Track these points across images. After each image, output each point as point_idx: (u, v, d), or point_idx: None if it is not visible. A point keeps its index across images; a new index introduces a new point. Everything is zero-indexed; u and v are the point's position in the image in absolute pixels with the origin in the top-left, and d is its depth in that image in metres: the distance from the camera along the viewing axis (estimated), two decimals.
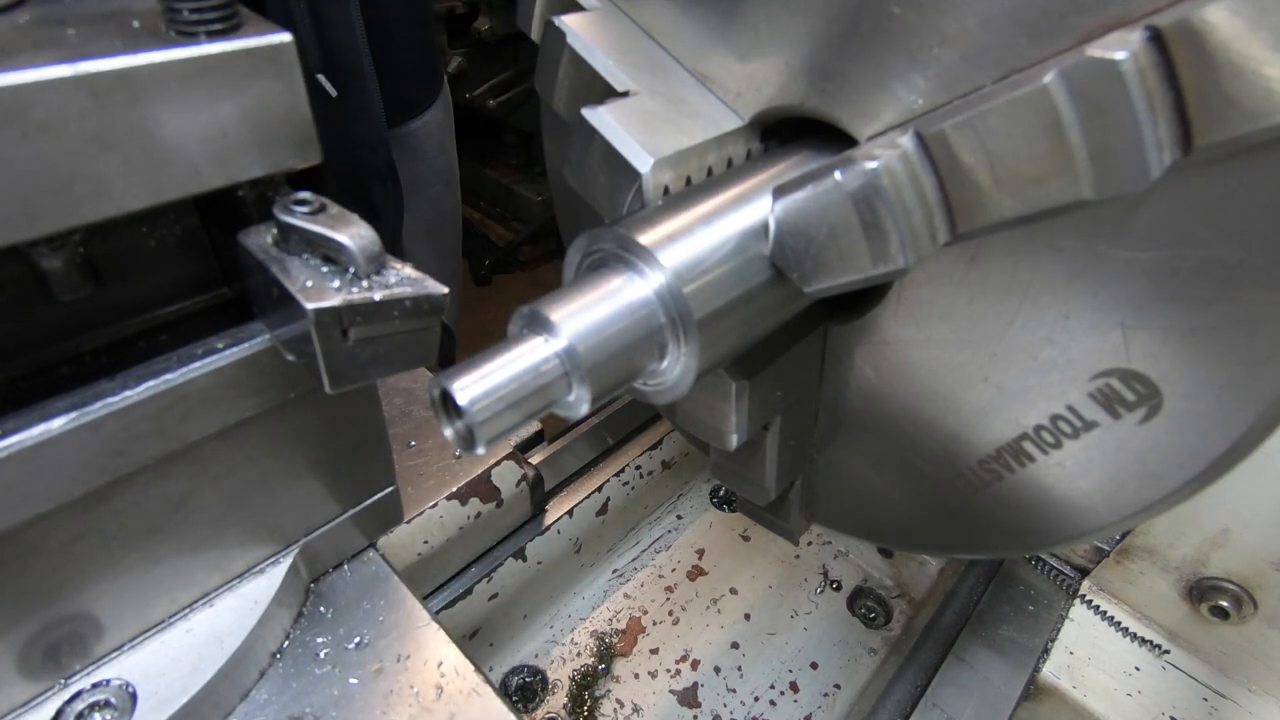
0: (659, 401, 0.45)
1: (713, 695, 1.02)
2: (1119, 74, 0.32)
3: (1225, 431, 0.43)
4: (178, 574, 0.58)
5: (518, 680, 1.03)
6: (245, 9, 0.42)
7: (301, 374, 0.53)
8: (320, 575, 0.69)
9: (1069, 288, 0.45)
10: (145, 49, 0.38)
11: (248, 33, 0.40)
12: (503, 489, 0.95)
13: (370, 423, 0.64)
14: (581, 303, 0.39)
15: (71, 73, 0.35)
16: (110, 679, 0.56)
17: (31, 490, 0.44)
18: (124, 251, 0.50)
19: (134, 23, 0.40)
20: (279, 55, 0.41)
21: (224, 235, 0.50)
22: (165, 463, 0.50)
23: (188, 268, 0.53)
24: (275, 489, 0.60)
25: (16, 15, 0.40)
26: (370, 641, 0.64)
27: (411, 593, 0.68)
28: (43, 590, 0.50)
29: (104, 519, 0.50)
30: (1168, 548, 0.90)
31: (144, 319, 0.54)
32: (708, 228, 0.43)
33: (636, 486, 1.17)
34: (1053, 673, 0.94)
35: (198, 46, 0.39)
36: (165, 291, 0.54)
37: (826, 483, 0.70)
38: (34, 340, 0.49)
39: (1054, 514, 0.54)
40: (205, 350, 0.49)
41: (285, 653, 0.63)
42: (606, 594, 1.14)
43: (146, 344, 0.53)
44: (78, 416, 0.44)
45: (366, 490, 0.68)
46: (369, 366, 0.43)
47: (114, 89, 0.37)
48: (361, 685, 0.61)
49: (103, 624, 0.55)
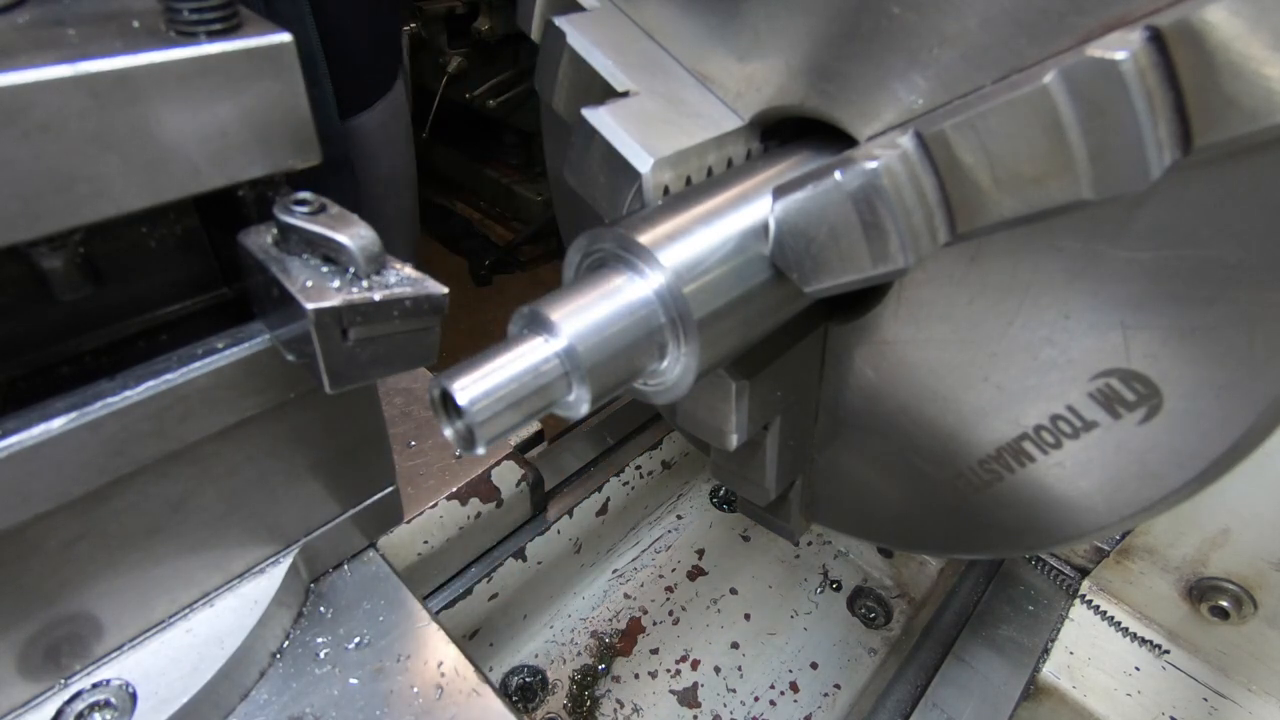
0: (659, 401, 0.45)
1: (713, 695, 1.02)
2: (1119, 74, 0.32)
3: (1225, 431, 0.43)
4: (178, 574, 0.57)
5: (518, 680, 1.03)
6: (245, 9, 0.42)
7: (301, 374, 0.53)
8: (320, 575, 0.69)
9: (1069, 288, 0.45)
10: (145, 49, 0.38)
11: (248, 33, 0.40)
12: (503, 489, 0.95)
13: (370, 423, 0.64)
14: (581, 303, 0.39)
15: (71, 73, 0.35)
16: (110, 679, 0.56)
17: (31, 490, 0.44)
18: (124, 251, 0.50)
19: (134, 23, 0.40)
20: (279, 55, 0.41)
21: (224, 235, 0.50)
22: (165, 463, 0.50)
23: (188, 268, 0.53)
24: (275, 489, 0.60)
25: (16, 15, 0.40)
26: (370, 641, 0.64)
27: (412, 593, 0.68)
28: (43, 590, 0.50)
29: (104, 519, 0.50)
30: (1168, 548, 0.90)
31: (144, 319, 0.54)
32: (708, 228, 0.43)
33: (636, 486, 1.17)
34: (1053, 673, 0.94)
35: (198, 46, 0.39)
36: (165, 291, 0.54)
37: (826, 483, 0.70)
38: (34, 340, 0.49)
39: (1054, 514, 0.54)
40: (205, 350, 0.49)
41: (285, 653, 0.63)
42: (606, 594, 1.14)
43: (146, 344, 0.53)
44: (78, 416, 0.44)
45: (367, 490, 0.68)
46: (369, 366, 0.43)
47: (114, 89, 0.37)
48: (361, 685, 0.61)
49: (103, 624, 0.55)
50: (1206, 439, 0.44)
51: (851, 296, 0.55)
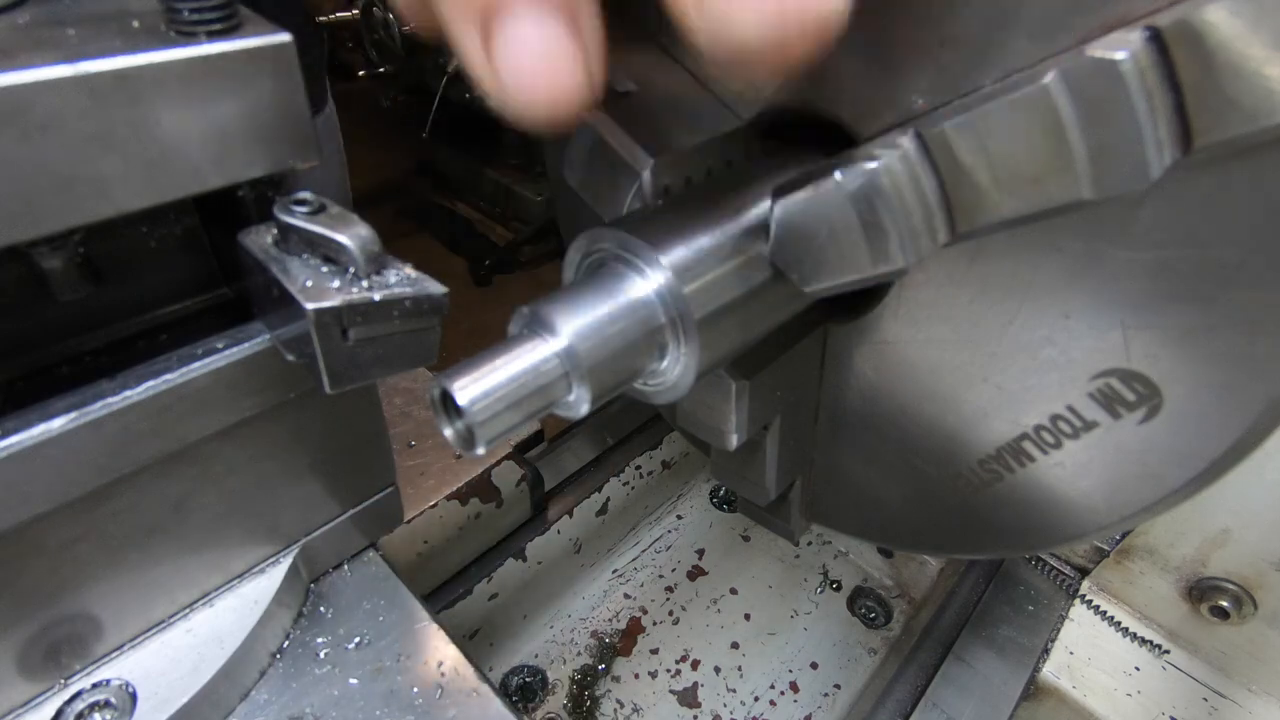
0: (659, 402, 0.45)
1: (713, 695, 1.02)
2: (1119, 74, 0.32)
3: (1225, 431, 0.43)
4: (178, 574, 0.57)
5: (518, 680, 1.03)
6: (245, 8, 0.42)
7: (301, 374, 0.53)
8: (320, 575, 0.69)
9: (1069, 288, 0.45)
10: (145, 49, 0.38)
11: (248, 32, 0.40)
12: (503, 489, 0.95)
13: (370, 423, 0.64)
14: (582, 303, 0.39)
15: (71, 73, 0.35)
16: (110, 679, 0.56)
17: (31, 490, 0.44)
18: (124, 251, 0.50)
19: (134, 23, 0.40)
20: (279, 55, 0.41)
21: (224, 235, 0.50)
22: (165, 463, 0.50)
23: (188, 268, 0.53)
24: (275, 489, 0.60)
25: (16, 15, 0.40)
26: (370, 641, 0.64)
27: (412, 593, 0.68)
28: (43, 590, 0.50)
29: (104, 519, 0.50)
30: (1168, 548, 0.90)
31: (144, 319, 0.54)
32: (708, 228, 0.43)
33: (637, 486, 1.17)
34: (1053, 673, 0.94)
35: (198, 46, 0.39)
36: (165, 291, 0.54)
37: (826, 483, 0.70)
38: (34, 340, 0.49)
39: (1054, 514, 0.54)
40: (205, 350, 0.49)
41: (285, 653, 0.63)
42: (606, 594, 1.14)
43: (146, 344, 0.53)
44: (78, 416, 0.44)
45: (367, 490, 0.68)
46: (369, 366, 0.43)
47: (114, 89, 0.37)
48: (361, 685, 0.61)
49: (103, 624, 0.55)
50: (1206, 439, 0.44)
51: (851, 296, 0.55)
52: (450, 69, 2.81)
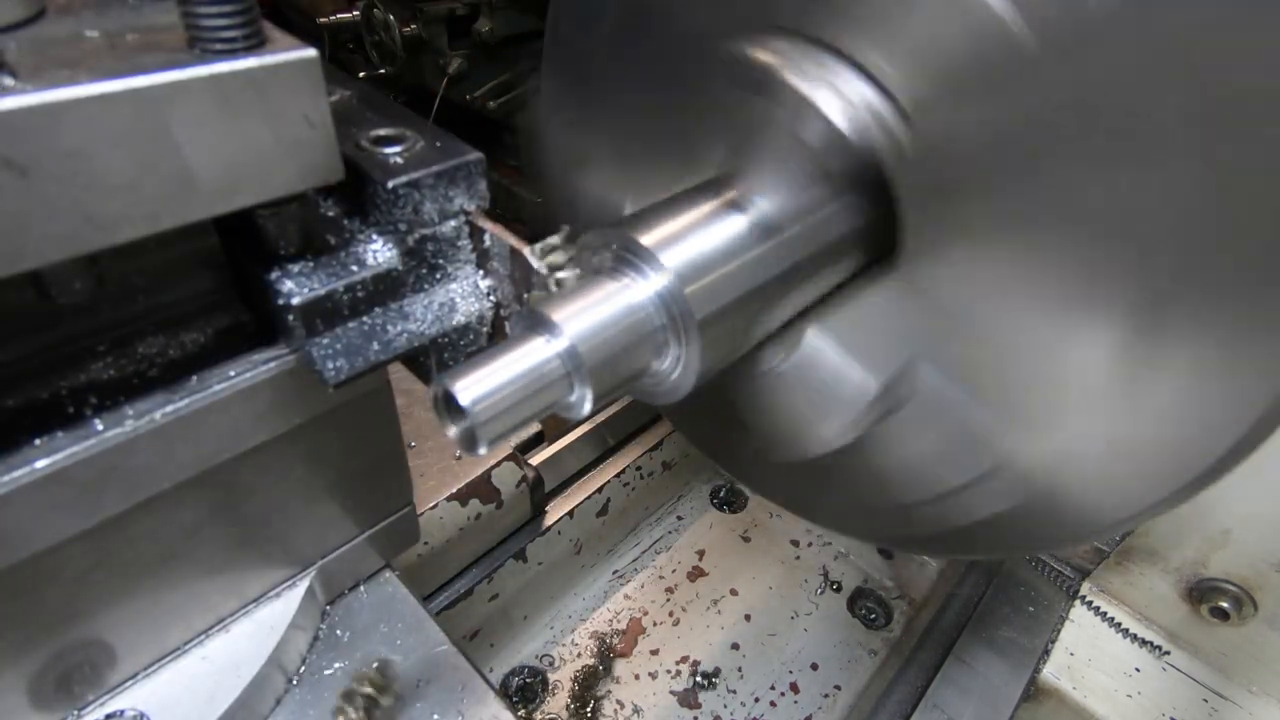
0: (660, 402, 0.45)
1: (713, 696, 1.02)
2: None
3: (1225, 431, 0.43)
4: (193, 600, 0.56)
5: (518, 681, 1.03)
6: (269, 24, 0.41)
7: (319, 396, 0.52)
8: (336, 598, 0.67)
9: (1069, 289, 0.45)
10: (169, 67, 0.37)
11: (273, 49, 0.39)
12: (503, 490, 0.95)
13: (388, 442, 0.63)
14: (583, 303, 0.39)
15: (95, 91, 0.34)
16: (124, 709, 0.54)
17: (44, 521, 0.43)
18: (140, 272, 0.48)
19: (157, 40, 0.39)
20: (305, 71, 0.40)
21: (245, 255, 0.48)
22: (180, 489, 0.49)
23: (205, 288, 0.52)
24: (293, 511, 0.59)
25: (35, 30, 0.39)
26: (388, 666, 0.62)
27: (429, 614, 0.67)
28: (55, 618, 0.49)
29: (118, 546, 0.49)
30: (1168, 549, 0.90)
31: (159, 341, 0.52)
32: (708, 229, 0.43)
33: (637, 487, 1.17)
34: (1053, 674, 0.94)
35: (222, 64, 0.38)
36: (181, 313, 0.52)
37: (827, 483, 0.70)
38: (47, 365, 0.48)
39: (1055, 515, 0.54)
40: (221, 375, 0.48)
41: (302, 678, 0.61)
42: (607, 595, 1.14)
43: (162, 368, 0.52)
44: (90, 445, 0.43)
45: (384, 510, 0.67)
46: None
47: (138, 108, 0.36)
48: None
49: (116, 652, 0.53)
50: (1206, 439, 0.44)
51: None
52: (450, 70, 2.81)
